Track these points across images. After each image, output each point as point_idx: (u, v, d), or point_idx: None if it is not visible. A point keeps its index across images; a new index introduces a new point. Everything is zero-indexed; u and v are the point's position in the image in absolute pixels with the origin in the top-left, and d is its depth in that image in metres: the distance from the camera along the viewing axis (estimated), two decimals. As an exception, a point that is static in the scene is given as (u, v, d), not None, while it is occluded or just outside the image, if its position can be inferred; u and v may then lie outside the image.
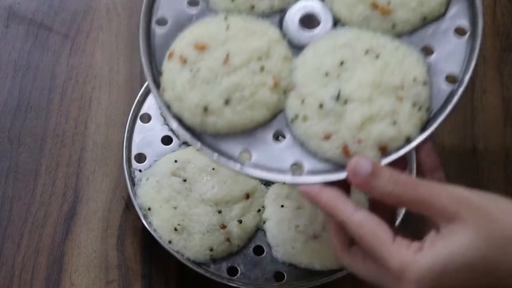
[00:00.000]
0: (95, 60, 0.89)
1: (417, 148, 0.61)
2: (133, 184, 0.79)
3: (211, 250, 0.76)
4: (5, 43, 0.89)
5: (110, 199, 0.83)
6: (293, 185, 0.72)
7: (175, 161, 0.79)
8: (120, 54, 0.90)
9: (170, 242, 0.76)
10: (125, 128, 0.81)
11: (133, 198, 0.78)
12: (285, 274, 0.77)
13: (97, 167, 0.84)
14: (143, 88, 0.83)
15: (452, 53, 0.63)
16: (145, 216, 0.77)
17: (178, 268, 0.79)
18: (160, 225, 0.76)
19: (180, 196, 0.77)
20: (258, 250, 0.78)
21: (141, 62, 0.65)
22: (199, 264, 0.76)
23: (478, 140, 0.88)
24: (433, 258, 0.53)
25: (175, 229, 0.76)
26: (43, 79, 0.88)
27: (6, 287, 0.78)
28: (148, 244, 0.80)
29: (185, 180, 0.78)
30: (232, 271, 0.77)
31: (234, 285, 0.76)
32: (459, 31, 0.64)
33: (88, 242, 0.81)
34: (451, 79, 0.63)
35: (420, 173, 0.63)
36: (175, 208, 0.77)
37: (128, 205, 0.82)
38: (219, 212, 0.77)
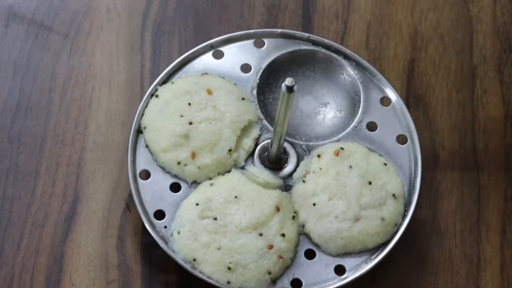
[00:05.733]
0: (95, 60, 0.89)
1: None
2: (166, 242, 0.77)
3: (270, 273, 0.76)
4: (5, 43, 0.89)
5: (110, 199, 0.83)
6: None
7: (197, 204, 0.77)
8: (120, 54, 0.90)
9: (229, 282, 0.75)
10: (132, 193, 0.78)
11: (175, 257, 0.76)
12: (344, 265, 0.78)
13: (97, 167, 0.84)
14: (129, 150, 0.80)
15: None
16: (194, 268, 0.76)
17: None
18: (212, 270, 0.75)
19: (218, 235, 0.76)
20: (310, 254, 0.78)
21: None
22: None
23: (478, 140, 0.89)
24: None
25: (229, 268, 0.75)
26: (43, 79, 0.88)
27: (6, 287, 0.78)
28: (148, 244, 0.80)
29: (215, 219, 0.77)
30: (297, 283, 0.77)
31: None
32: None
33: (88, 242, 0.81)
34: None
35: None
36: (219, 249, 0.76)
37: (128, 205, 0.82)
38: (261, 235, 0.76)
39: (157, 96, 0.82)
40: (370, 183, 0.79)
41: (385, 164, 0.80)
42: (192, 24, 0.92)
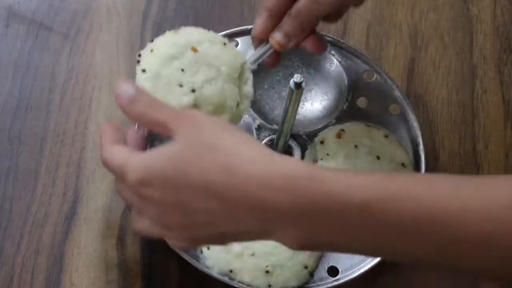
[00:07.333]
0: (95, 60, 0.89)
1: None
2: (197, 260, 0.76)
3: (306, 267, 0.76)
4: (5, 43, 0.89)
5: (110, 199, 0.83)
6: None
7: None
8: (120, 54, 0.90)
9: (270, 285, 0.75)
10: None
11: (211, 273, 0.75)
12: None
13: (97, 167, 0.84)
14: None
15: None
16: (232, 279, 0.75)
17: (178, 268, 0.79)
18: (251, 278, 0.75)
19: (249, 242, 0.74)
20: None
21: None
22: None
23: (478, 140, 0.89)
24: (144, 156, 0.62)
25: (267, 272, 0.75)
26: (43, 79, 0.88)
27: (6, 287, 0.78)
28: (148, 244, 0.80)
29: None
30: (333, 271, 0.77)
31: (344, 281, 0.76)
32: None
33: (88, 242, 0.81)
34: None
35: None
36: (253, 255, 0.75)
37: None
38: None
39: (144, 70, 0.74)
40: (378, 157, 0.80)
41: (386, 136, 0.82)
42: (192, 24, 0.92)
